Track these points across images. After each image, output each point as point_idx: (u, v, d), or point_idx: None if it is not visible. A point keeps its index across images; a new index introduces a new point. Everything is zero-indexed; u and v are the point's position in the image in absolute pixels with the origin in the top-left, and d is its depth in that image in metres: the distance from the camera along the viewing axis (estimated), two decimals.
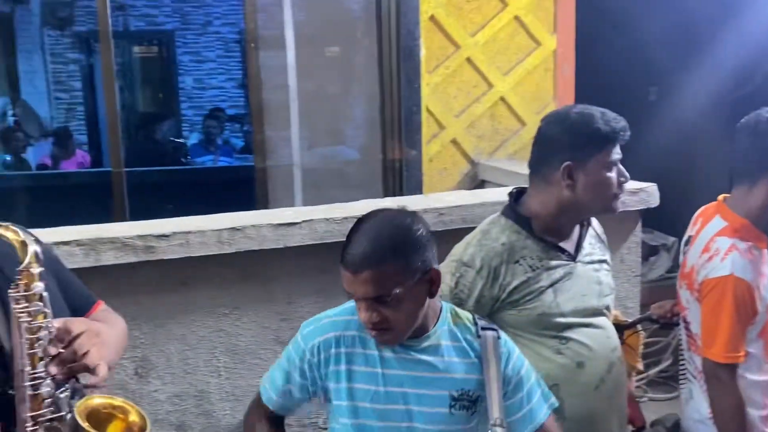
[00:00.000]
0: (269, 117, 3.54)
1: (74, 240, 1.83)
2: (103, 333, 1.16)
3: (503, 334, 1.41)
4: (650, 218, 2.68)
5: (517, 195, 1.68)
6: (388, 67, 3.37)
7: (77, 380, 1.15)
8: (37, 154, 6.75)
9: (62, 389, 1.11)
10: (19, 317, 1.09)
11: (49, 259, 1.29)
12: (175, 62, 9.02)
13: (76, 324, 1.13)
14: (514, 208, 1.65)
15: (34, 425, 1.08)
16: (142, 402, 2.01)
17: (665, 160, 3.58)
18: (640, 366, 2.21)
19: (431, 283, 1.29)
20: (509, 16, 3.41)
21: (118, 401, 1.16)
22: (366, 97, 3.62)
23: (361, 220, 1.31)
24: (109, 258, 1.87)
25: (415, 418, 1.31)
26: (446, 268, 1.58)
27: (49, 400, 1.09)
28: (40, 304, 1.11)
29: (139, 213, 2.72)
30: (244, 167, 4.52)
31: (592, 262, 1.67)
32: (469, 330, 1.37)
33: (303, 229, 2.04)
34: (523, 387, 1.37)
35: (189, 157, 6.08)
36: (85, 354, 1.09)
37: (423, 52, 3.32)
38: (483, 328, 1.36)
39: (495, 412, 1.28)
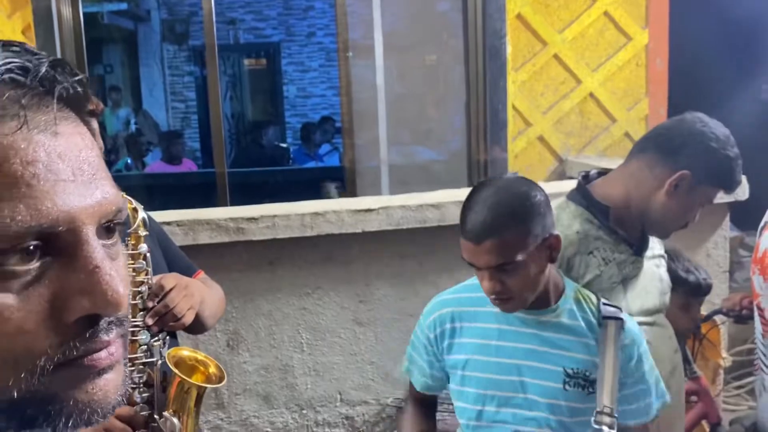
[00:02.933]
0: (359, 119, 3.70)
1: (175, 221, 2.04)
2: (191, 285, 1.30)
3: (632, 323, 1.34)
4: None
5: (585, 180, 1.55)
6: (474, 66, 3.43)
7: (168, 333, 1.30)
8: (154, 158, 7.34)
9: (156, 339, 1.26)
10: (130, 269, 1.25)
11: (156, 231, 1.49)
12: (280, 72, 9.50)
13: (169, 279, 1.27)
14: (587, 193, 1.49)
15: (130, 366, 1.22)
16: (232, 372, 2.20)
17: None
18: (724, 361, 2.14)
19: (551, 249, 1.25)
20: (598, 11, 3.39)
21: (201, 355, 1.30)
22: (452, 96, 3.70)
23: (476, 190, 1.27)
24: (204, 238, 2.06)
25: (529, 389, 1.29)
26: None
27: (144, 346, 1.24)
28: (143, 262, 1.27)
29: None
30: (335, 167, 4.73)
31: (654, 257, 1.58)
32: (592, 312, 1.32)
33: (380, 215, 2.16)
34: (645, 380, 1.33)
35: (291, 161, 6.41)
36: (174, 307, 1.24)
37: (509, 50, 3.36)
38: (606, 317, 1.30)
39: (604, 399, 1.23)
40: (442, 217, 2.20)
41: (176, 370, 1.21)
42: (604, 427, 1.20)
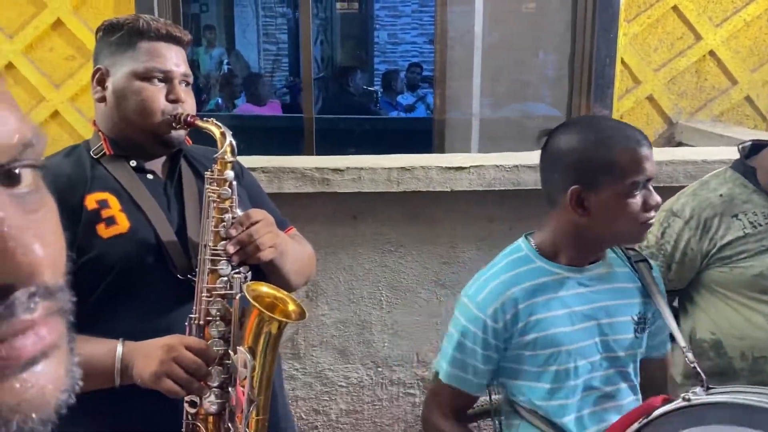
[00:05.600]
0: (452, 69, 3.53)
1: (261, 167, 1.99)
2: (280, 234, 1.25)
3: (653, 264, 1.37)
4: None
5: (751, 150, 1.52)
6: (582, 15, 3.17)
7: (251, 269, 1.23)
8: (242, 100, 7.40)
9: (237, 271, 1.20)
10: (210, 196, 1.21)
11: (248, 181, 1.45)
12: (372, 17, 9.31)
13: (257, 212, 1.22)
14: (744, 161, 1.51)
15: (208, 296, 1.18)
16: (310, 324, 2.17)
17: None
18: None
19: None
20: None
21: (281, 293, 1.23)
22: (555, 48, 3.45)
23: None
24: (289, 186, 2.01)
25: (610, 348, 1.27)
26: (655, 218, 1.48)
27: (224, 278, 1.19)
28: (229, 190, 1.21)
29: (325, 155, 2.90)
30: (424, 119, 4.58)
31: None
32: (620, 256, 1.34)
33: (471, 174, 2.03)
34: (662, 314, 1.32)
35: (378, 108, 6.30)
36: (258, 238, 1.18)
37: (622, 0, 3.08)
38: (637, 260, 1.33)
39: (678, 338, 1.27)
40: (539, 179, 2.04)
41: (255, 303, 1.15)
42: (696, 364, 1.21)
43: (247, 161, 2.05)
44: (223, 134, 1.24)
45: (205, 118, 1.28)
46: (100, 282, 1.19)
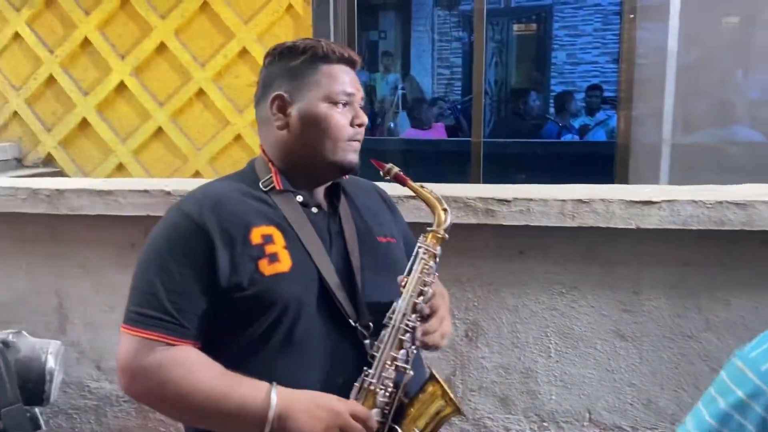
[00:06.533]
0: (640, 90, 3.19)
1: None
2: (447, 316, 1.28)
3: None
4: None
5: None
6: None
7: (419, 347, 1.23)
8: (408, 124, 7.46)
9: (415, 348, 1.19)
10: (422, 268, 1.20)
11: (401, 222, 1.45)
12: (550, 37, 8.98)
13: (441, 306, 1.24)
14: None
15: (390, 363, 1.15)
16: (468, 366, 2.00)
17: None
18: None
19: None
20: None
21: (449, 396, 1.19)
22: (760, 65, 2.99)
23: None
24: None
25: None
26: None
27: (404, 351, 1.17)
28: (434, 265, 1.22)
29: (492, 181, 2.74)
30: (604, 143, 4.22)
31: None
32: None
33: (663, 210, 1.75)
34: None
35: (551, 131, 5.99)
36: (437, 334, 1.22)
37: None
38: None
39: None
40: (748, 219, 1.71)
41: (444, 383, 1.17)
42: None
43: (403, 189, 1.95)
44: (445, 210, 1.26)
45: (422, 185, 1.29)
46: (258, 318, 1.15)
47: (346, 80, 1.24)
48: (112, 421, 2.26)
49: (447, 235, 1.24)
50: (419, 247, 1.22)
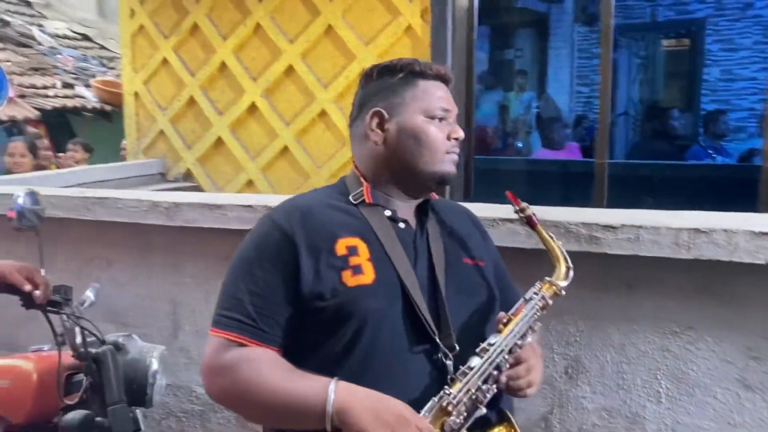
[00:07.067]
0: None
1: (518, 218, 1.76)
2: (537, 366, 1.21)
3: None
4: None
5: None
6: None
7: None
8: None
9: (495, 385, 1.15)
10: (534, 312, 1.21)
11: (494, 255, 1.43)
12: (701, 52, 8.31)
13: (531, 356, 1.20)
14: None
15: (473, 390, 1.12)
16: (568, 406, 1.85)
17: None
18: None
19: None
20: None
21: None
22: None
23: None
24: None
25: None
26: None
27: (488, 386, 1.13)
28: (543, 313, 1.23)
29: (617, 205, 2.56)
30: (748, 167, 3.79)
31: None
32: None
33: None
34: None
35: (699, 153, 5.50)
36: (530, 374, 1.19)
37: None
38: None
39: None
40: None
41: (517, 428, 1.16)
42: None
43: (500, 211, 1.85)
44: (569, 269, 1.28)
45: (551, 235, 1.32)
46: (339, 330, 1.15)
47: (442, 96, 1.28)
48: (215, 427, 2.35)
49: (564, 293, 1.25)
50: (534, 294, 1.23)
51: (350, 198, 1.26)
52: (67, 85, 7.34)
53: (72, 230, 2.48)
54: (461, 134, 1.26)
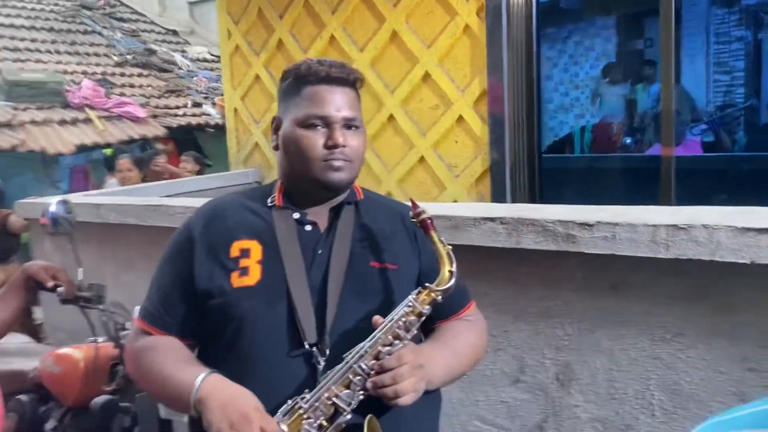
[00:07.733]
0: None
1: (499, 218, 1.71)
2: (428, 365, 1.14)
3: None
4: None
5: None
6: None
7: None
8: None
9: (363, 393, 1.11)
10: (400, 319, 1.15)
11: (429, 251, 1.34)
12: None
13: (408, 355, 1.12)
14: None
15: (327, 397, 1.10)
16: (561, 414, 1.75)
17: None
18: None
19: None
20: None
21: None
22: None
23: None
24: (528, 242, 1.66)
25: None
26: None
27: (349, 392, 1.11)
28: (418, 322, 1.16)
29: (686, 201, 2.36)
30: None
31: None
32: None
33: None
34: None
35: None
36: (398, 385, 1.10)
37: None
38: None
39: None
40: None
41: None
42: None
43: (487, 210, 1.79)
44: (450, 273, 1.18)
45: (443, 240, 1.21)
46: (224, 330, 1.20)
47: (326, 101, 1.23)
48: None
49: (440, 298, 1.16)
50: (408, 301, 1.16)
51: (268, 201, 1.29)
52: (196, 104, 8.04)
53: (131, 235, 2.75)
54: (338, 140, 1.20)
